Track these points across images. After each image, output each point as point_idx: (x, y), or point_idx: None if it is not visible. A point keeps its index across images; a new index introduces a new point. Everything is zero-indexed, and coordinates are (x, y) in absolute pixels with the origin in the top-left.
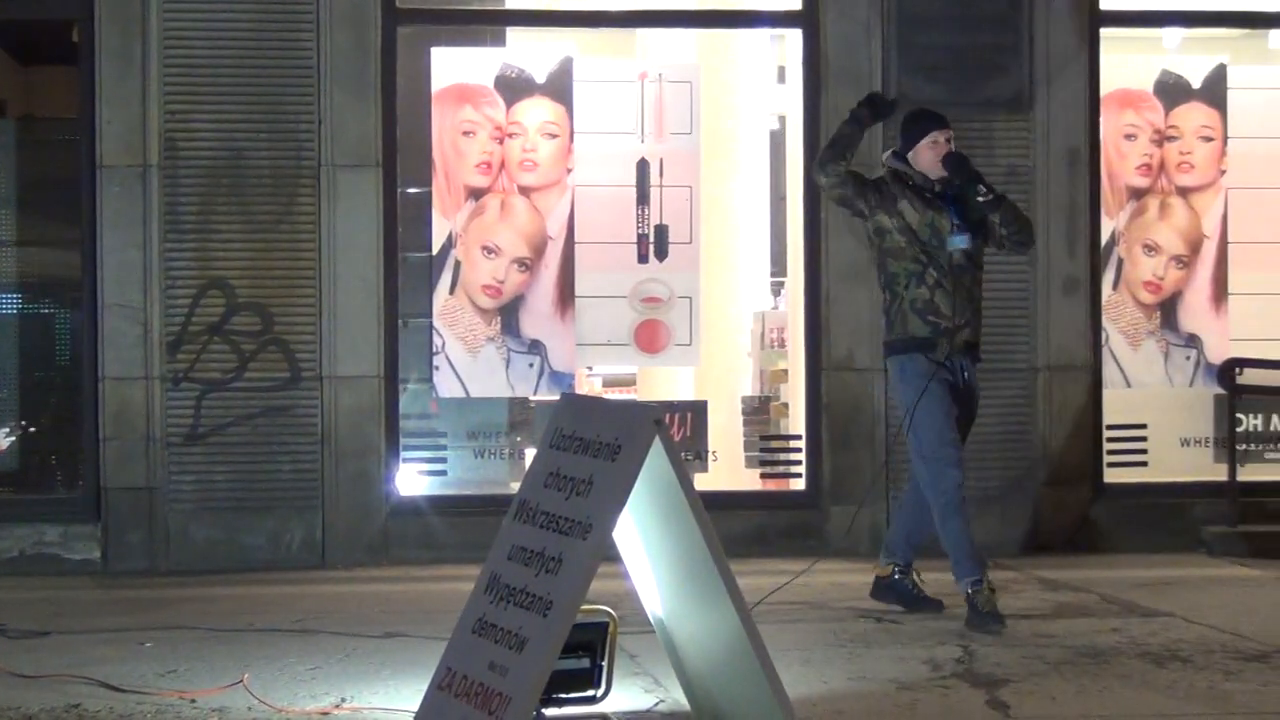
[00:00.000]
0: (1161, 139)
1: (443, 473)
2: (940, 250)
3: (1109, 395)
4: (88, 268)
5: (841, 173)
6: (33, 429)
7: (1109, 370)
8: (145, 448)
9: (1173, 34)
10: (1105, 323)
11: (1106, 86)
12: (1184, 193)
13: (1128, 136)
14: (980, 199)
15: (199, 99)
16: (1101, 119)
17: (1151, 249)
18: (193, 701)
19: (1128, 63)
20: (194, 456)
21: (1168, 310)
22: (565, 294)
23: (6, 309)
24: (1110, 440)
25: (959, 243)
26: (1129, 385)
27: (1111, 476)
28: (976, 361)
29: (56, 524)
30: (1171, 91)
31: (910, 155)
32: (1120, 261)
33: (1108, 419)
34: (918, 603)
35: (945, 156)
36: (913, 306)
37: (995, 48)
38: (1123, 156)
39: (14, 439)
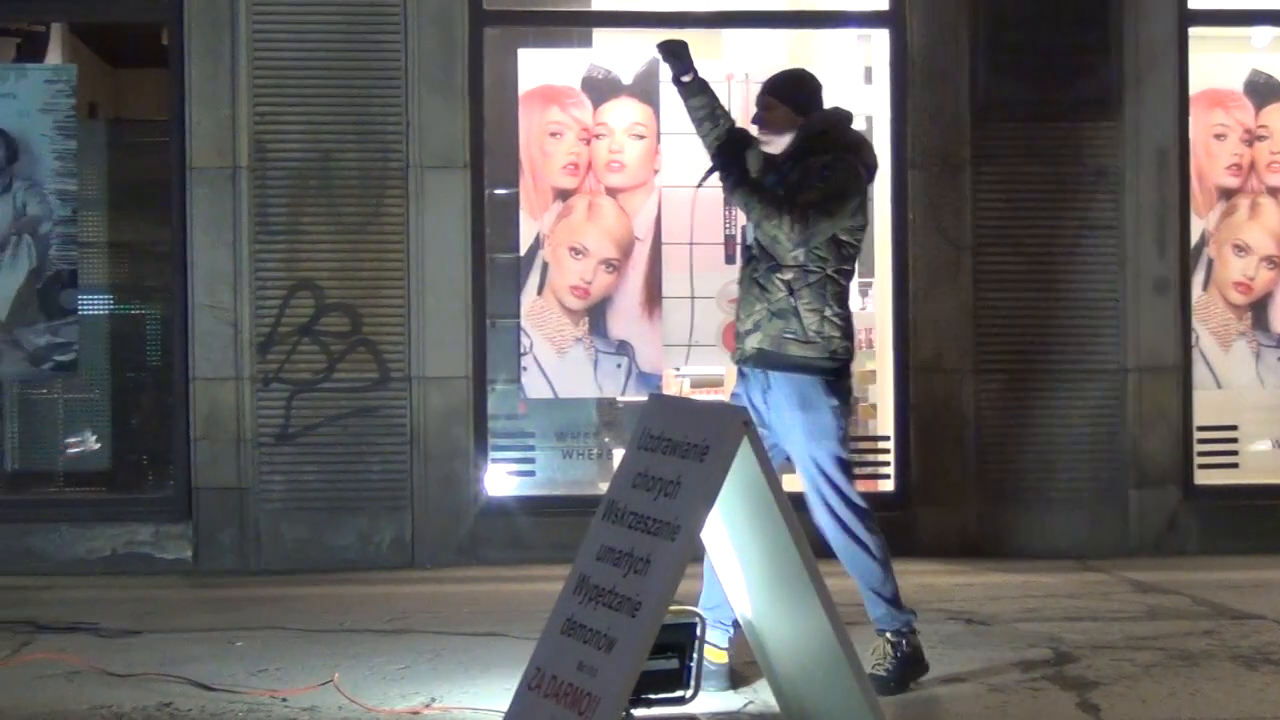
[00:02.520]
0: (1251, 138)
1: (531, 473)
2: (748, 238)
3: (1199, 396)
4: (178, 269)
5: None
6: (124, 429)
7: (1199, 371)
8: (236, 448)
9: (1262, 33)
10: (1195, 323)
11: (1195, 86)
12: (1275, 193)
13: (1217, 136)
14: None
15: (287, 101)
16: (1191, 119)
17: (1242, 249)
18: (284, 700)
19: (1216, 62)
20: (284, 456)
21: (1258, 311)
22: (652, 295)
23: (98, 310)
24: (1201, 441)
25: (749, 230)
26: (1219, 386)
27: (1202, 478)
28: (792, 372)
29: (148, 524)
30: (1261, 91)
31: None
32: (1210, 262)
33: (1198, 420)
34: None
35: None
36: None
37: (1083, 47)
38: (1212, 156)
39: (106, 439)
